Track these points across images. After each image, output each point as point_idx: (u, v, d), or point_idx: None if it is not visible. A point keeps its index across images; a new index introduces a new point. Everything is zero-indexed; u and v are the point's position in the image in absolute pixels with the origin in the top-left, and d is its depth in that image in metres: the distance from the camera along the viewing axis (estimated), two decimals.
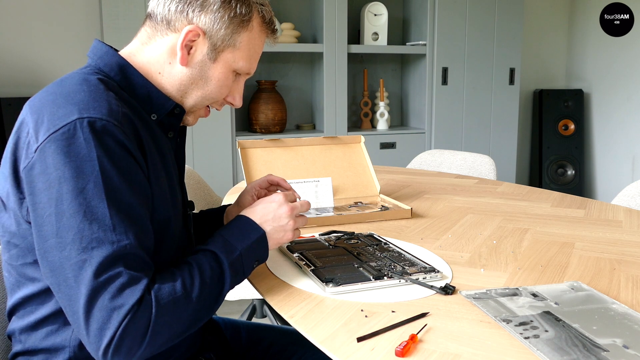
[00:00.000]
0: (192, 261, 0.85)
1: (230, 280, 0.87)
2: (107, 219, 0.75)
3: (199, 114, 1.00)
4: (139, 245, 0.77)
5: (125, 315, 0.73)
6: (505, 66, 3.57)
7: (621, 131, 3.90)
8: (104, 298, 0.73)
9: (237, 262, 0.89)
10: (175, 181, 0.96)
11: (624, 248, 1.21)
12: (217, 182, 2.99)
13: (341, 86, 3.25)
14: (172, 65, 0.92)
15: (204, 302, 0.82)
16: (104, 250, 0.74)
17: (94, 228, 0.74)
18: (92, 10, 3.03)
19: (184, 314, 0.79)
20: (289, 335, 1.23)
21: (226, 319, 1.28)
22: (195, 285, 0.81)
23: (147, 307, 0.75)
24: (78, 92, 0.81)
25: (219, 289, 0.85)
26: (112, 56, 0.91)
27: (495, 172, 2.24)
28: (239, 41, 0.93)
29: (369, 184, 1.67)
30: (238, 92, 1.00)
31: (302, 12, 3.42)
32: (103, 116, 0.78)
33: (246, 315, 2.29)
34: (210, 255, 0.87)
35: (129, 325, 0.73)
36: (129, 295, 0.73)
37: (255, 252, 0.92)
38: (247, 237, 0.92)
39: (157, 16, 0.91)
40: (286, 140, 1.67)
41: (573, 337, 0.77)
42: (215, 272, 0.85)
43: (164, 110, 0.93)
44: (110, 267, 0.74)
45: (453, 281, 1.01)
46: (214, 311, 0.87)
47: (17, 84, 2.92)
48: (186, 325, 0.81)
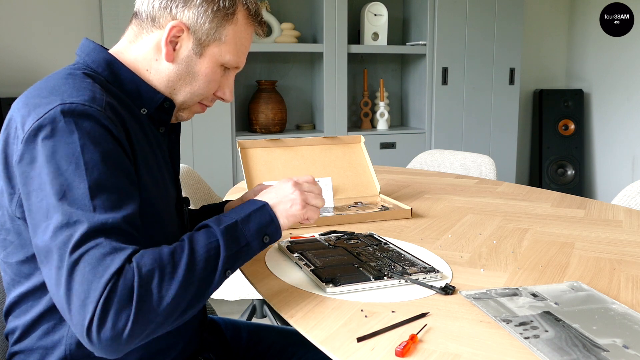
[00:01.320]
0: (184, 236, 0.82)
1: (226, 246, 0.81)
2: (87, 198, 0.74)
3: (194, 110, 1.00)
4: (124, 220, 0.75)
5: (106, 285, 0.69)
6: (505, 66, 3.57)
7: (621, 131, 3.90)
8: (84, 270, 0.70)
9: (233, 229, 0.84)
10: (168, 177, 0.96)
11: (624, 248, 1.21)
12: (217, 182, 2.98)
13: (341, 86, 3.25)
14: (159, 62, 0.92)
15: (197, 272, 0.78)
16: (84, 225, 0.72)
17: (75, 207, 0.73)
18: (92, 10, 3.03)
19: (173, 283, 0.74)
20: (290, 335, 1.22)
21: (227, 319, 1.27)
22: (185, 253, 0.77)
23: (127, 276, 0.71)
24: (63, 84, 0.82)
25: (214, 258, 0.80)
26: (100, 52, 0.91)
27: (495, 172, 2.24)
28: (225, 35, 0.92)
29: (369, 184, 1.67)
30: (228, 87, 0.99)
31: (302, 12, 3.42)
32: (85, 102, 0.78)
33: (246, 315, 2.29)
34: (203, 228, 0.84)
35: (110, 295, 0.69)
36: (109, 264, 0.71)
37: (257, 221, 0.87)
38: (244, 209, 0.88)
39: (143, 14, 0.92)
40: (286, 140, 1.67)
41: (573, 337, 0.77)
42: (208, 241, 0.80)
43: (153, 103, 0.93)
44: (90, 239, 0.72)
45: (453, 281, 1.01)
46: (214, 285, 0.81)
47: (17, 84, 2.92)
48: (182, 296, 0.75)
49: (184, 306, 0.76)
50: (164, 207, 0.91)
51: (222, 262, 0.81)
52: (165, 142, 0.98)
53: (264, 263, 1.10)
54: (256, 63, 3.39)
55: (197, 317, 1.02)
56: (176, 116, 0.99)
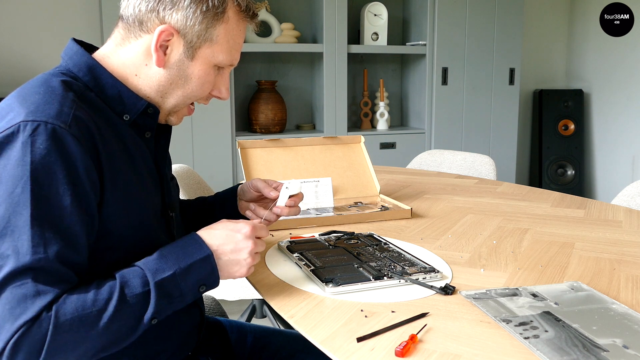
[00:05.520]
0: (118, 276, 0.79)
1: (156, 302, 0.79)
2: (27, 228, 0.72)
3: (183, 113, 0.97)
4: (58, 259, 0.74)
5: (17, 330, 0.69)
6: (505, 66, 3.57)
7: (621, 131, 3.90)
8: (4, 307, 0.70)
9: (169, 283, 0.81)
10: (151, 183, 0.93)
11: (624, 248, 1.21)
12: (217, 182, 2.98)
13: (341, 86, 3.25)
14: (149, 67, 0.90)
15: (120, 321, 0.76)
16: (17, 260, 0.72)
17: (14, 236, 0.72)
18: (92, 10, 3.03)
19: (92, 332, 0.74)
20: (297, 341, 1.18)
21: (233, 321, 1.23)
22: (113, 302, 0.76)
23: (42, 325, 0.70)
24: (33, 94, 0.80)
25: (140, 310, 0.78)
26: (82, 56, 0.89)
27: (495, 172, 2.24)
28: (216, 35, 0.89)
29: (369, 184, 1.67)
30: (224, 85, 0.96)
31: (302, 12, 3.42)
32: (49, 119, 0.76)
33: (246, 315, 2.28)
34: (139, 271, 0.80)
35: (20, 339, 0.69)
36: (26, 309, 0.70)
37: (197, 273, 0.83)
38: (188, 255, 0.84)
39: (129, 17, 0.89)
40: (286, 140, 1.67)
41: (573, 337, 0.77)
42: (139, 291, 0.78)
43: (135, 110, 0.90)
44: (18, 277, 0.71)
45: (453, 281, 1.01)
46: (137, 332, 0.79)
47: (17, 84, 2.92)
48: (98, 344, 0.75)
49: (98, 352, 0.76)
50: (145, 215, 0.88)
51: (150, 314, 0.79)
52: (151, 146, 0.95)
53: (264, 263, 1.10)
54: (256, 63, 3.39)
55: (191, 321, 1.00)
56: (165, 120, 0.97)
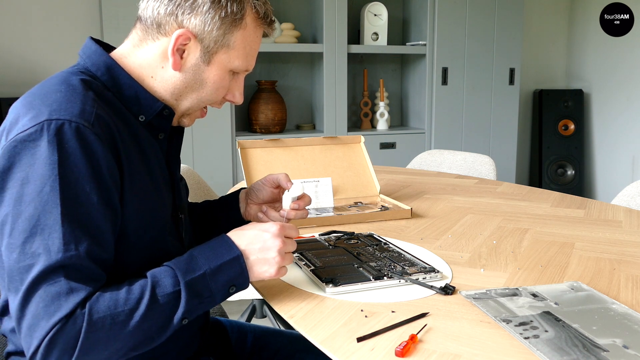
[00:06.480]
0: (149, 275, 0.80)
1: (186, 302, 0.79)
2: (58, 226, 0.73)
3: (195, 116, 0.98)
4: (89, 256, 0.75)
5: (53, 327, 0.71)
6: (505, 66, 3.57)
7: (621, 131, 3.90)
8: (38, 305, 0.72)
9: (199, 283, 0.81)
10: (163, 184, 0.93)
11: (624, 248, 1.21)
12: (217, 182, 2.99)
13: (341, 86, 3.25)
14: (165, 70, 0.90)
15: (151, 320, 0.77)
16: (49, 258, 0.73)
17: (44, 235, 0.73)
18: (92, 10, 3.03)
19: (124, 331, 0.75)
20: (297, 341, 1.18)
21: (233, 321, 1.24)
22: (144, 301, 0.77)
23: (76, 321, 0.72)
24: (55, 92, 0.80)
25: (171, 309, 0.79)
26: (100, 55, 0.89)
27: (495, 172, 2.24)
28: (233, 41, 0.89)
29: (369, 184, 1.67)
30: (238, 90, 0.97)
31: (302, 12, 3.42)
32: (72, 117, 0.77)
33: (246, 315, 2.29)
34: (170, 271, 0.81)
35: (55, 336, 0.71)
36: (60, 306, 0.72)
37: (226, 273, 0.84)
38: (218, 256, 0.84)
39: (147, 19, 0.89)
40: (286, 140, 1.67)
41: (573, 337, 0.77)
42: (169, 290, 0.79)
43: (152, 111, 0.90)
44: (50, 275, 0.72)
45: (453, 281, 1.01)
46: (167, 332, 0.80)
47: (17, 84, 2.92)
48: (130, 343, 0.76)
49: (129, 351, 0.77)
50: (157, 216, 0.89)
51: (180, 314, 0.80)
52: (164, 147, 0.96)
53: None
54: (256, 63, 3.38)
55: (197, 323, 1.00)
56: (178, 121, 0.97)
